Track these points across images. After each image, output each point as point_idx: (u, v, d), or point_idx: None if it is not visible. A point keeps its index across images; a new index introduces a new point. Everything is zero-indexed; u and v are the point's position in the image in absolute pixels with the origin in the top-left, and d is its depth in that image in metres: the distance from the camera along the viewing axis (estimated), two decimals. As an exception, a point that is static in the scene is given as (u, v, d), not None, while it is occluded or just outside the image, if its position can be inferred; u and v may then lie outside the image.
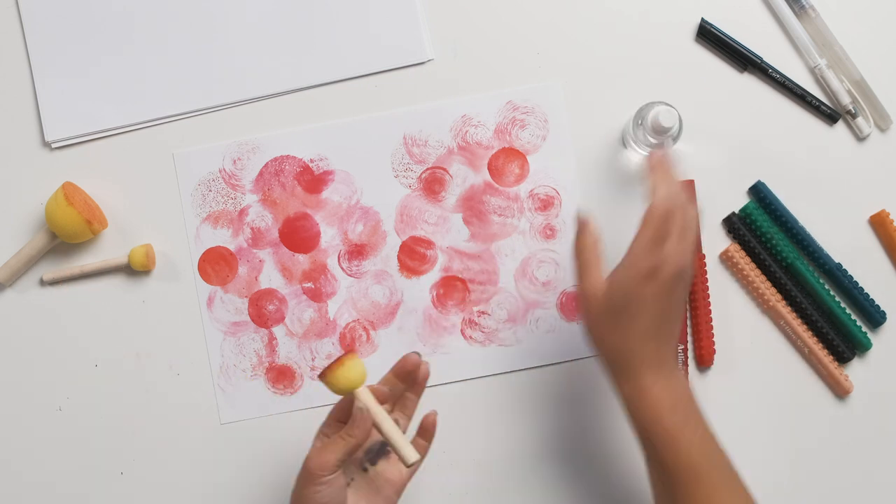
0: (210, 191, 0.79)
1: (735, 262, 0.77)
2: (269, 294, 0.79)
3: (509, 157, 0.79)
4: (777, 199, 0.77)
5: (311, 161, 0.79)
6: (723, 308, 0.78)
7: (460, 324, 0.78)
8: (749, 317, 0.78)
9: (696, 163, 0.78)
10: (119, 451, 0.78)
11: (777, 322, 0.78)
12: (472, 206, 0.79)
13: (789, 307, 0.77)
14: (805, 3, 0.78)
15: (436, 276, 0.79)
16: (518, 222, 0.79)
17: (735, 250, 0.77)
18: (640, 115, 0.73)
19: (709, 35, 0.78)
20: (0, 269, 0.78)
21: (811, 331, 0.77)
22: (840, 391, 0.77)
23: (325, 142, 0.79)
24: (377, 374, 0.79)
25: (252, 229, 0.79)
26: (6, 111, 0.80)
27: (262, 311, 0.79)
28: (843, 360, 0.77)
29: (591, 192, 0.78)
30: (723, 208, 0.78)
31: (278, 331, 0.79)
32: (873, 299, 0.77)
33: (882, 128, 0.78)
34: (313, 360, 0.78)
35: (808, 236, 0.77)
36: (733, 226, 0.78)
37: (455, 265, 0.79)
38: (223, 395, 0.78)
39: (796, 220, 0.77)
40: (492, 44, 0.79)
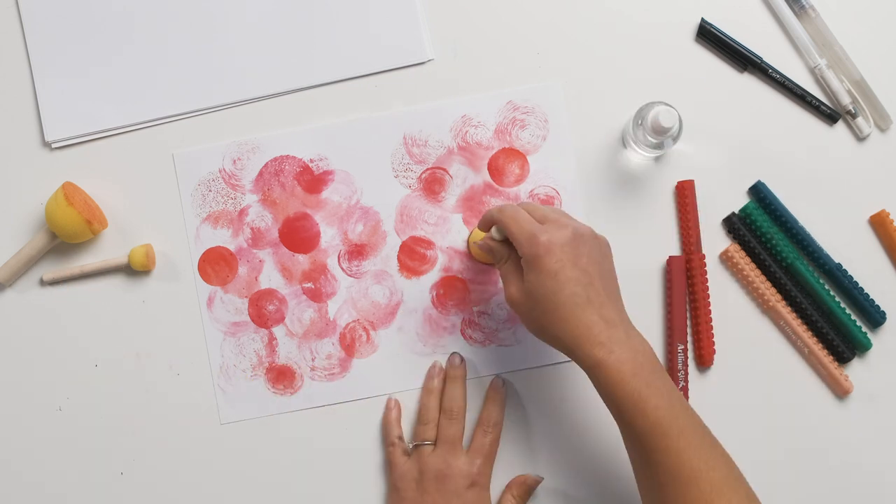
0: (210, 191, 0.79)
1: (735, 262, 0.77)
2: (269, 294, 0.79)
3: (509, 158, 0.79)
4: (777, 199, 0.77)
5: (311, 161, 0.79)
6: (723, 308, 0.78)
7: (460, 324, 0.78)
8: (749, 317, 0.78)
9: (696, 163, 0.78)
10: (119, 451, 0.78)
11: (777, 322, 0.78)
12: (473, 207, 0.79)
13: (789, 307, 0.77)
14: (805, 3, 0.78)
15: (436, 276, 0.79)
16: (518, 222, 0.79)
17: (735, 250, 0.77)
18: (640, 115, 0.73)
19: (709, 35, 0.78)
20: (0, 269, 0.78)
21: (811, 331, 0.77)
22: (840, 391, 0.77)
23: (325, 142, 0.79)
24: (378, 373, 0.79)
25: (252, 229, 0.79)
26: (6, 111, 0.80)
27: (262, 311, 0.79)
28: (843, 360, 0.77)
29: (591, 192, 0.78)
30: (723, 208, 0.78)
31: (278, 331, 0.78)
32: (873, 299, 0.77)
33: (882, 128, 0.78)
34: (313, 360, 0.78)
35: (808, 236, 0.77)
36: (733, 226, 0.78)
37: (455, 265, 0.79)
38: (223, 396, 0.78)
39: (796, 220, 0.77)
40: (492, 44, 0.79)
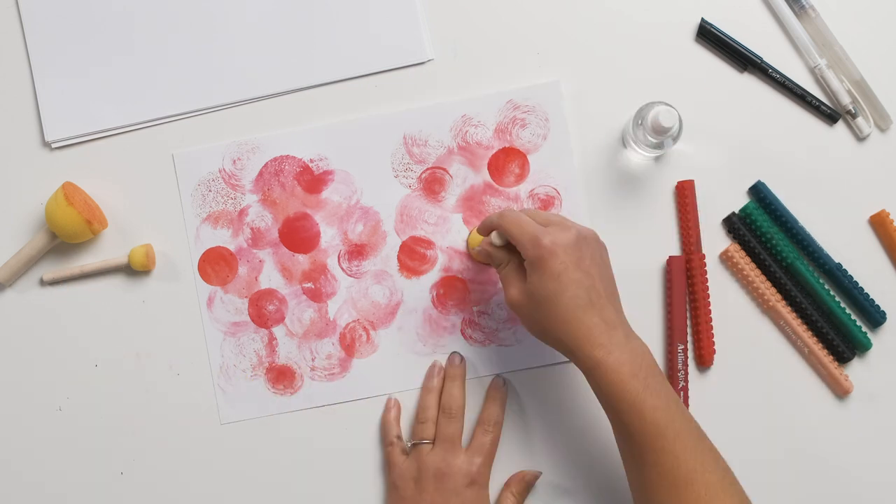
0: (210, 191, 0.79)
1: (735, 262, 0.77)
2: (269, 294, 0.79)
3: (509, 157, 0.79)
4: (777, 199, 0.77)
5: (311, 161, 0.79)
6: (723, 308, 0.77)
7: (460, 324, 0.78)
8: (749, 317, 0.78)
9: (696, 163, 0.78)
10: (119, 451, 0.78)
11: (777, 322, 0.78)
12: (473, 206, 0.79)
13: (789, 307, 0.77)
14: (805, 3, 0.78)
15: (436, 276, 0.79)
16: (518, 222, 0.79)
17: (735, 250, 0.77)
18: (640, 115, 0.73)
19: (709, 35, 0.78)
20: (0, 269, 0.78)
21: (811, 331, 0.77)
22: (840, 391, 0.77)
23: (325, 142, 0.79)
24: (378, 373, 0.79)
25: (252, 229, 0.79)
26: (6, 111, 0.80)
27: (262, 311, 0.79)
28: (843, 360, 0.77)
29: (591, 192, 0.78)
30: (723, 208, 0.78)
31: (278, 331, 0.78)
32: (873, 299, 0.77)
33: (882, 128, 0.78)
34: (313, 360, 0.78)
35: (808, 236, 0.77)
36: (733, 226, 0.78)
37: (455, 265, 0.79)
38: (223, 396, 0.78)
39: (796, 220, 0.77)
40: (492, 44, 0.79)
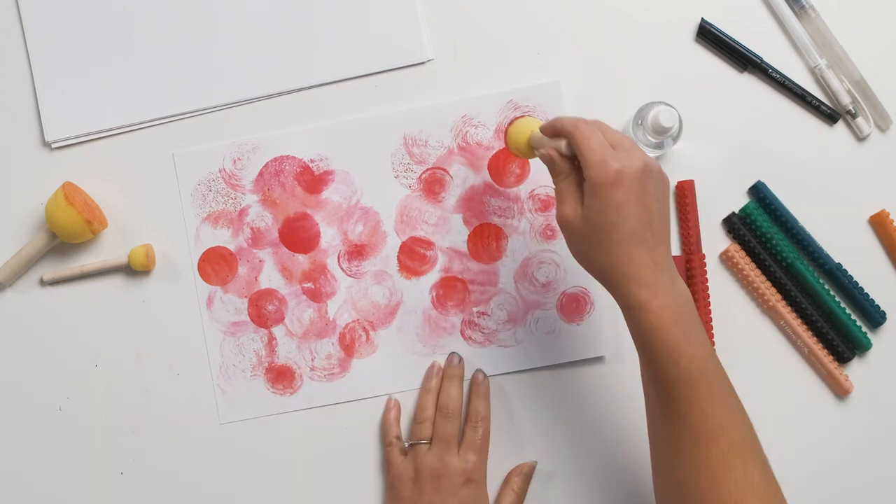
0: (210, 191, 0.79)
1: (735, 262, 0.77)
2: (269, 294, 0.79)
3: (510, 158, 0.79)
4: (777, 199, 0.77)
5: (311, 161, 0.79)
6: (723, 308, 0.77)
7: (460, 324, 0.78)
8: (749, 317, 0.78)
9: (696, 163, 0.78)
10: (119, 451, 0.78)
11: (777, 322, 0.78)
12: (473, 207, 0.79)
13: (789, 307, 0.77)
14: (805, 3, 0.78)
15: (435, 276, 0.79)
16: (518, 223, 0.79)
17: (735, 250, 0.77)
18: (640, 115, 0.73)
19: (709, 35, 0.78)
20: (0, 269, 0.78)
21: (811, 331, 0.77)
22: (840, 391, 0.77)
23: (325, 142, 0.79)
24: (377, 373, 0.79)
25: (252, 229, 0.79)
26: (6, 111, 0.80)
27: (262, 311, 0.79)
28: (843, 360, 0.77)
29: (591, 193, 0.78)
30: (723, 208, 0.78)
31: (278, 331, 0.78)
32: (873, 299, 0.77)
33: (882, 128, 0.78)
34: (313, 360, 0.78)
35: (808, 236, 0.77)
36: (733, 226, 0.78)
37: (455, 266, 0.79)
38: (223, 395, 0.78)
39: (796, 220, 0.77)
40: (492, 44, 0.79)
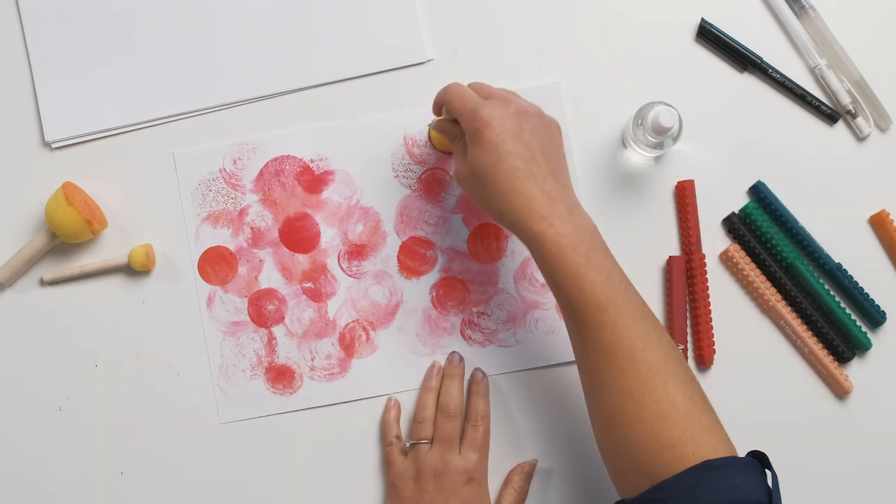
0: (210, 191, 0.79)
1: (735, 262, 0.77)
2: (269, 294, 0.79)
3: (509, 157, 0.79)
4: (777, 199, 0.77)
5: (312, 161, 0.79)
6: (723, 308, 0.77)
7: (460, 324, 0.78)
8: (749, 317, 0.78)
9: (696, 163, 0.78)
10: (119, 451, 0.78)
11: (777, 322, 0.78)
12: (473, 207, 0.79)
13: (789, 307, 0.77)
14: (805, 3, 0.78)
15: (435, 276, 0.79)
16: (518, 222, 0.78)
17: (735, 250, 0.77)
18: (640, 115, 0.73)
19: (709, 35, 0.78)
20: (0, 269, 0.78)
21: (811, 331, 0.77)
22: (840, 391, 0.77)
23: (325, 142, 0.79)
24: (377, 373, 0.79)
25: (252, 229, 0.79)
26: (6, 111, 0.80)
27: (262, 310, 0.79)
28: (843, 360, 0.77)
29: (591, 192, 0.78)
30: (723, 208, 0.78)
31: (278, 331, 0.78)
32: (873, 299, 0.77)
33: (882, 128, 0.78)
34: (313, 360, 0.78)
35: (808, 236, 0.77)
36: (733, 226, 0.78)
37: (455, 266, 0.79)
38: (222, 395, 0.78)
39: (796, 220, 0.77)
40: (492, 44, 0.79)
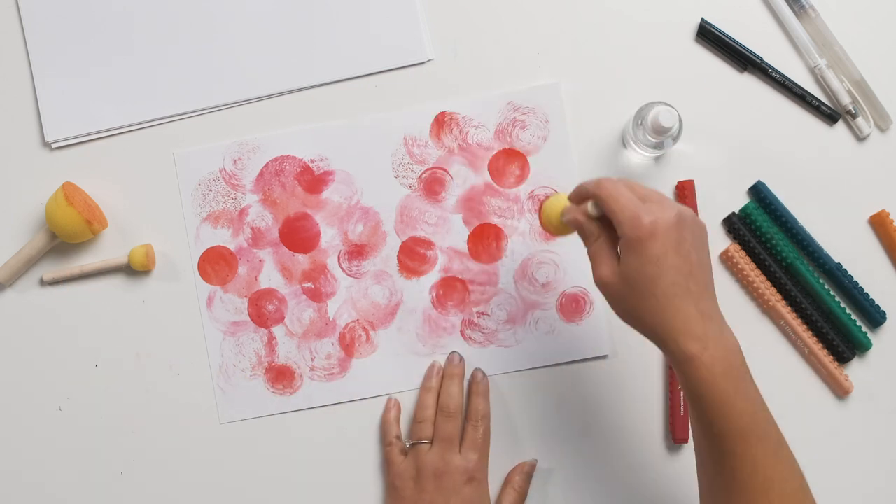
0: (210, 191, 0.79)
1: (735, 262, 0.77)
2: (269, 294, 0.79)
3: (510, 158, 0.79)
4: (777, 199, 0.77)
5: (312, 161, 0.79)
6: (723, 308, 0.77)
7: (460, 324, 0.78)
8: (749, 317, 0.78)
9: (696, 163, 0.78)
10: (119, 451, 0.78)
11: (777, 322, 0.78)
12: (473, 207, 0.79)
13: (789, 307, 0.77)
14: (805, 3, 0.78)
15: (435, 276, 0.79)
16: (518, 223, 0.79)
17: (735, 250, 0.77)
18: (640, 115, 0.73)
19: (709, 35, 0.78)
20: (0, 269, 0.78)
21: (811, 331, 0.77)
22: (840, 391, 0.77)
23: (325, 142, 0.79)
24: (377, 373, 0.79)
25: (252, 229, 0.79)
26: (6, 111, 0.80)
27: (262, 310, 0.79)
28: (843, 360, 0.77)
29: (591, 193, 0.78)
30: (723, 208, 0.78)
31: (278, 331, 0.78)
32: (873, 299, 0.77)
33: (882, 128, 0.78)
34: (313, 360, 0.78)
35: (808, 236, 0.77)
36: (733, 226, 0.78)
37: (455, 266, 0.79)
38: (223, 395, 0.78)
39: (796, 220, 0.77)
40: (492, 44, 0.79)
